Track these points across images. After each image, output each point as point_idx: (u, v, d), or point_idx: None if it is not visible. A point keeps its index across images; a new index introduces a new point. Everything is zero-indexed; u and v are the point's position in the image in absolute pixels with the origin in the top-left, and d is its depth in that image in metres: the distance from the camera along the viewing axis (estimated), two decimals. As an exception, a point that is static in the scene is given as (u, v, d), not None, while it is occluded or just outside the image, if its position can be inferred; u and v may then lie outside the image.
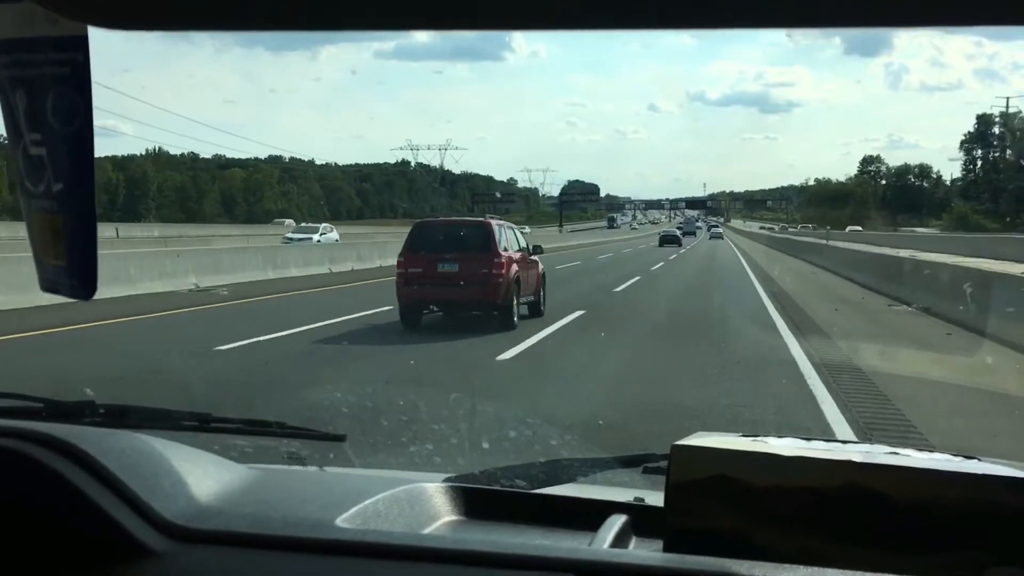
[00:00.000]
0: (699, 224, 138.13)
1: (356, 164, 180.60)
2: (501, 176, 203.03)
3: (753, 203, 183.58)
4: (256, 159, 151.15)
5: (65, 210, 0.95)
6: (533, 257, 14.21)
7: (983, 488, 1.12)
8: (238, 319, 14.41)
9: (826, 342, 11.71)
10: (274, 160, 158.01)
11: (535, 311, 13.81)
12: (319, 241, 39.70)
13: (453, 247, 12.90)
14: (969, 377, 9.45)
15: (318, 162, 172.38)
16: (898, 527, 1.12)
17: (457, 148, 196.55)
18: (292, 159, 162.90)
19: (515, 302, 12.77)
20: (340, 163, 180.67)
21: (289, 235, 42.84)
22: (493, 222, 14.05)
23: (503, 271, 12.59)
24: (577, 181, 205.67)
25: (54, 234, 0.96)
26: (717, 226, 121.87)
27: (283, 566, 1.13)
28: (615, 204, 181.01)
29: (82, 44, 0.88)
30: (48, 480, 1.17)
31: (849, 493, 1.13)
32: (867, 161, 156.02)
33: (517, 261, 13.22)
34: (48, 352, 10.69)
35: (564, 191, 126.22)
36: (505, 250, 13.02)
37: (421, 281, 12.57)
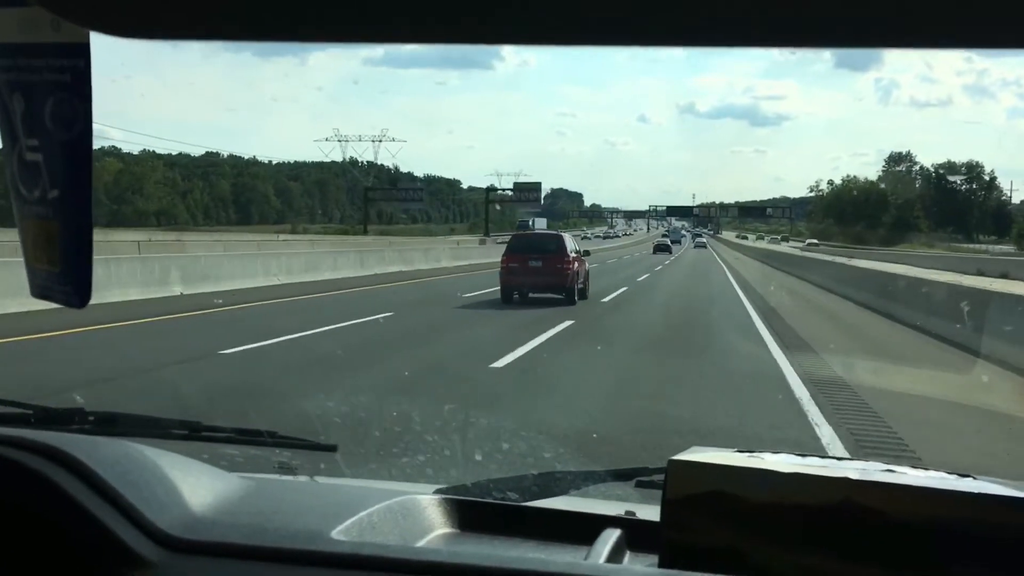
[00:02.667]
0: (684, 233, 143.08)
1: (294, 161, 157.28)
2: (480, 183, 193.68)
3: (749, 211, 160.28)
4: (187, 156, 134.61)
5: (61, 217, 0.94)
6: (583, 258, 20.53)
7: (979, 506, 1.12)
8: None
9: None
10: (210, 156, 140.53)
11: (582, 295, 19.75)
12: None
13: (538, 250, 19.43)
14: None
15: (261, 159, 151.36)
16: (894, 544, 1.11)
17: (394, 140, 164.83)
18: (231, 156, 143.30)
19: (576, 288, 19.10)
20: (289, 161, 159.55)
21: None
22: (564, 235, 21.55)
23: (570, 267, 19.03)
24: (561, 190, 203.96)
25: (48, 240, 0.96)
26: (700, 235, 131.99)
27: None
28: (597, 213, 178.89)
29: (84, 51, 0.87)
30: (41, 488, 1.16)
31: (845, 510, 1.12)
32: (895, 159, 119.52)
33: (576, 260, 19.60)
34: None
35: (492, 190, 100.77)
36: (570, 253, 19.46)
37: (517, 272, 19.14)
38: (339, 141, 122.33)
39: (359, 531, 1.23)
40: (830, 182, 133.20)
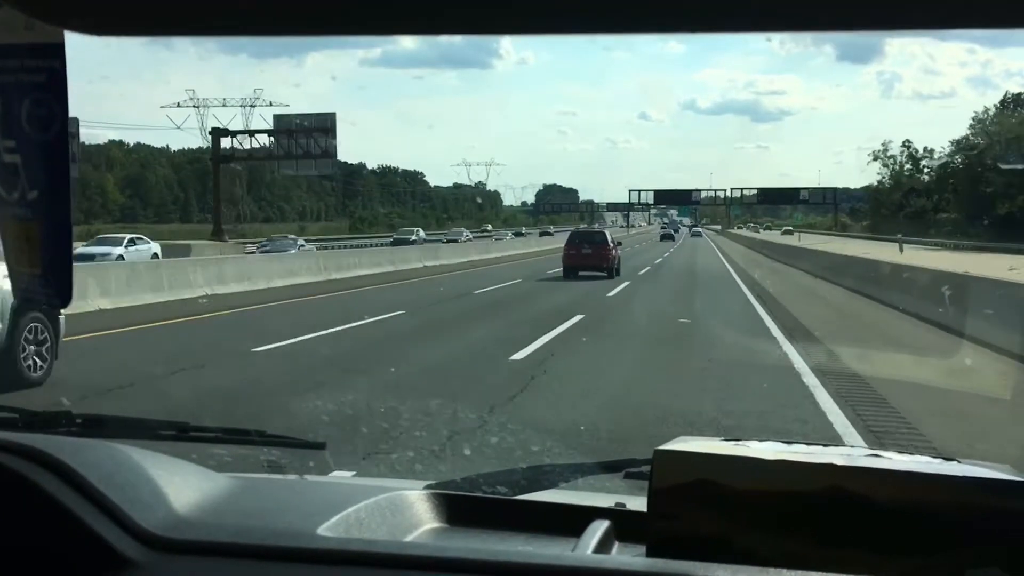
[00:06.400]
0: (680, 227, 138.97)
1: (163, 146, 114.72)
2: (466, 180, 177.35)
3: (775, 197, 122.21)
4: (95, 145, 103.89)
5: (40, 218, 0.94)
6: (617, 246, 29.72)
7: (963, 490, 1.13)
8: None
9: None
10: (112, 144, 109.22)
11: (617, 273, 28.15)
12: None
13: (589, 241, 28.86)
14: None
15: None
16: (879, 529, 1.12)
17: (271, 104, 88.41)
18: (138, 144, 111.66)
19: (614, 268, 28.00)
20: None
21: None
22: (606, 230, 34.59)
23: (611, 253, 28.13)
24: (554, 185, 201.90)
25: (29, 242, 0.95)
26: (696, 226, 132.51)
27: (265, 575, 1.12)
28: (574, 207, 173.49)
29: (59, 51, 0.87)
30: (25, 491, 1.16)
31: (831, 496, 1.13)
32: (1007, 103, 72.89)
33: (614, 248, 28.78)
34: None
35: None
36: (611, 243, 28.74)
37: (574, 257, 27.80)
38: (195, 107, 68.47)
39: (346, 527, 1.23)
40: (906, 143, 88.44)
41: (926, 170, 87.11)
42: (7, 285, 5.67)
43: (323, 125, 55.41)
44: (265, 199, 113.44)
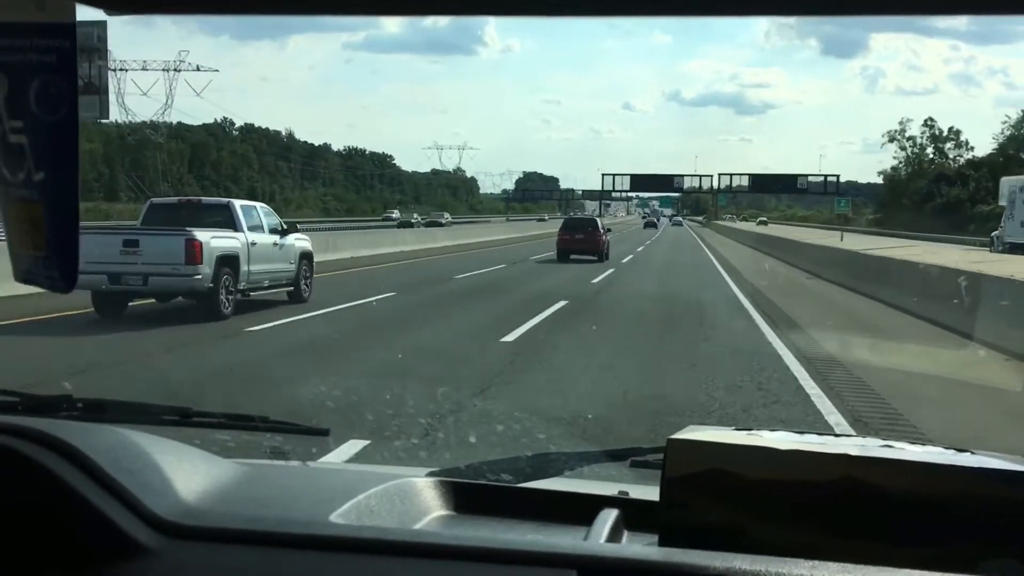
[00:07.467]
0: (662, 218, 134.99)
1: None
2: (439, 165, 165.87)
3: (768, 185, 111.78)
4: None
5: (46, 200, 0.92)
6: (607, 233, 33.19)
7: (977, 481, 1.12)
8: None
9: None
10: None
11: (606, 257, 31.07)
12: None
13: (581, 227, 32.08)
14: None
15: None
16: (893, 520, 1.11)
17: (199, 69, 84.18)
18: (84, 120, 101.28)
19: (604, 252, 30.97)
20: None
21: None
22: (597, 218, 37.27)
23: (601, 238, 31.21)
24: (535, 173, 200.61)
25: (33, 224, 0.94)
26: (677, 215, 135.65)
27: (278, 563, 1.11)
28: (571, 196, 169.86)
29: (70, 31, 0.85)
30: (36, 475, 1.15)
31: (844, 486, 1.12)
32: None
33: (604, 234, 32.00)
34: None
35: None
36: (601, 230, 31.94)
37: (567, 241, 30.75)
38: (112, 70, 51.16)
39: (357, 515, 1.22)
40: (928, 122, 78.32)
41: (952, 154, 77.71)
42: (298, 243, 9.80)
43: (86, 43, 30.35)
44: (209, 178, 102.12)
